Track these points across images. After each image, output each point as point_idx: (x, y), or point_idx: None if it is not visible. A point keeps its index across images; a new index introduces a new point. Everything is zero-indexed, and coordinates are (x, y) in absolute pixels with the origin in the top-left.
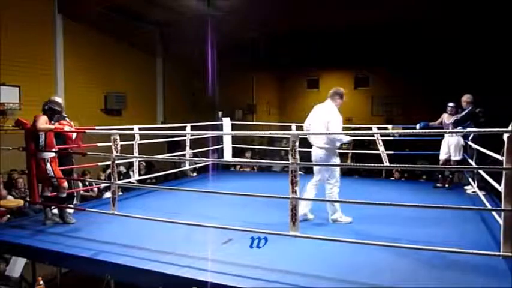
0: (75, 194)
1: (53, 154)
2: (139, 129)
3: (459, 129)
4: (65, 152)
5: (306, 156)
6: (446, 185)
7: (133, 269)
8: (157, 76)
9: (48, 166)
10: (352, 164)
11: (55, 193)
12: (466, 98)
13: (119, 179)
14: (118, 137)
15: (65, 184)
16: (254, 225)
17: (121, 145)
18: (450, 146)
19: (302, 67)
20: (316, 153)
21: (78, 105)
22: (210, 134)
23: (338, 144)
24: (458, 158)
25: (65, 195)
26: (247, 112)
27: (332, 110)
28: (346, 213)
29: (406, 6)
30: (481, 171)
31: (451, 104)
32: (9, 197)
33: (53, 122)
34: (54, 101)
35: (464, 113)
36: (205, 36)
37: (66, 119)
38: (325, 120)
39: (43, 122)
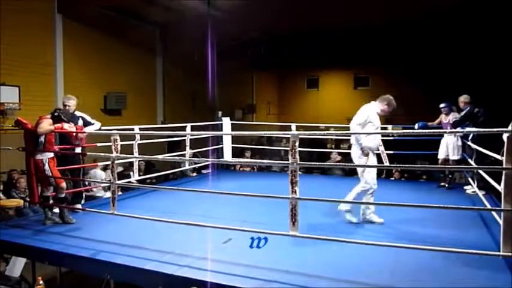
0: (83, 194)
1: (51, 154)
2: (140, 129)
3: (458, 129)
4: (69, 153)
5: (306, 156)
6: (446, 185)
7: (133, 269)
8: (157, 76)
9: (46, 166)
10: (351, 164)
11: (55, 193)
12: (463, 99)
13: (119, 179)
14: (118, 137)
15: (63, 184)
16: (254, 225)
17: (121, 145)
18: (448, 146)
19: (302, 67)
20: (351, 152)
21: (78, 105)
22: (210, 134)
23: (364, 145)
24: (456, 157)
25: (63, 195)
26: (247, 112)
27: (365, 110)
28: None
29: (406, 6)
30: (480, 171)
31: (442, 105)
32: None
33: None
34: (66, 112)
35: (462, 113)
36: (205, 36)
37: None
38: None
39: (46, 124)
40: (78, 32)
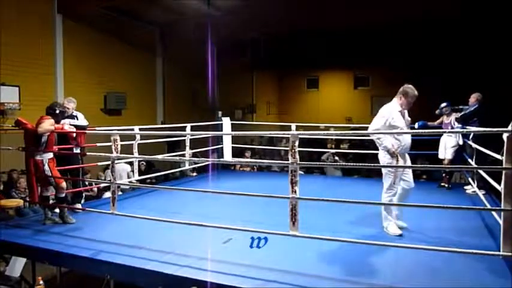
0: (83, 194)
1: (51, 155)
2: (140, 129)
3: (457, 128)
4: (69, 153)
5: (306, 156)
6: (446, 185)
7: (133, 269)
8: (157, 76)
9: (46, 166)
10: (352, 164)
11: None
12: (476, 95)
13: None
14: (118, 138)
15: (63, 184)
16: (254, 225)
17: (121, 145)
18: (446, 145)
19: (302, 67)
20: (378, 155)
21: (78, 105)
22: (210, 134)
23: (385, 144)
24: (449, 157)
25: (63, 195)
26: (247, 112)
27: (385, 109)
28: (346, 214)
29: (406, 6)
30: (480, 171)
31: (443, 105)
32: None
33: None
34: (63, 106)
35: (472, 108)
36: (205, 36)
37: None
38: None
39: (47, 124)
40: (78, 32)
